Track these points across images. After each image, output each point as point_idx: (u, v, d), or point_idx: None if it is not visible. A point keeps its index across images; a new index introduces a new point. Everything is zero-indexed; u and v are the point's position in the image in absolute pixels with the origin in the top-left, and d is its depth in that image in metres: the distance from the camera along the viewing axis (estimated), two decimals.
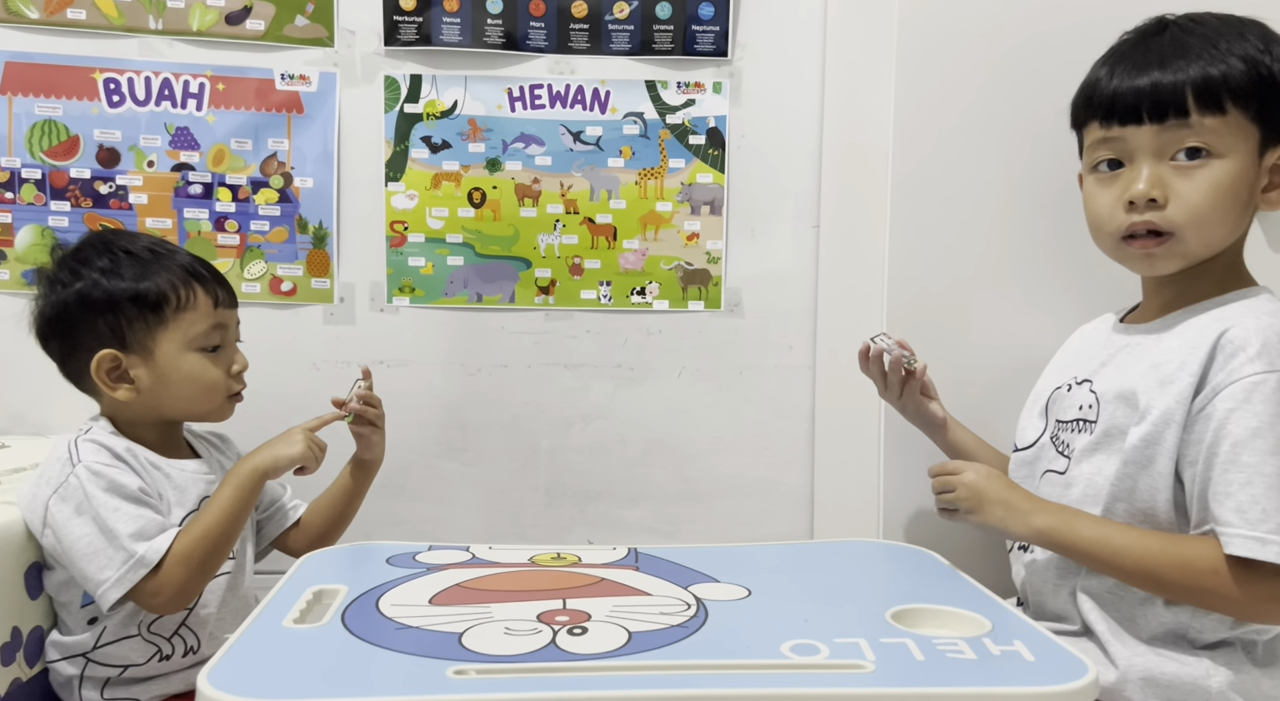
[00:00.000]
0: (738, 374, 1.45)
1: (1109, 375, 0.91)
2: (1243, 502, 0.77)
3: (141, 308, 0.99)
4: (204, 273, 1.04)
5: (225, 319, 1.05)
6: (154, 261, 1.01)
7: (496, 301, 1.45)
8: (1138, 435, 0.84)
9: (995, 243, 1.29)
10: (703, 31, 1.41)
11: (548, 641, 0.71)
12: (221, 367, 1.04)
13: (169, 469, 1.02)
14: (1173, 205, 0.85)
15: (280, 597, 0.82)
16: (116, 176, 1.40)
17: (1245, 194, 0.86)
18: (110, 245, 1.02)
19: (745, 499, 1.46)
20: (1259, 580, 0.78)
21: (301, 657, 0.70)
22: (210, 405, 1.05)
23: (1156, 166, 0.86)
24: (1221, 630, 0.83)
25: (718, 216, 1.44)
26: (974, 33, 1.29)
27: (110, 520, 0.93)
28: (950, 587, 0.87)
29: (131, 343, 1.00)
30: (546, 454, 1.46)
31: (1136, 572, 0.83)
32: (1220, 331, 0.82)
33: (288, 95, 1.40)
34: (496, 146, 1.42)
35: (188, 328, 1.01)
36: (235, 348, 1.08)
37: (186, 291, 1.01)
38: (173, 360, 1.01)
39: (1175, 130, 0.85)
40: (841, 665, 0.67)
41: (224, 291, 1.06)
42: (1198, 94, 0.85)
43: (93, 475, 0.94)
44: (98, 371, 0.99)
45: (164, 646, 1.00)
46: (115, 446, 0.98)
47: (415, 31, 1.40)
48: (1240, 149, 0.85)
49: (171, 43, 1.39)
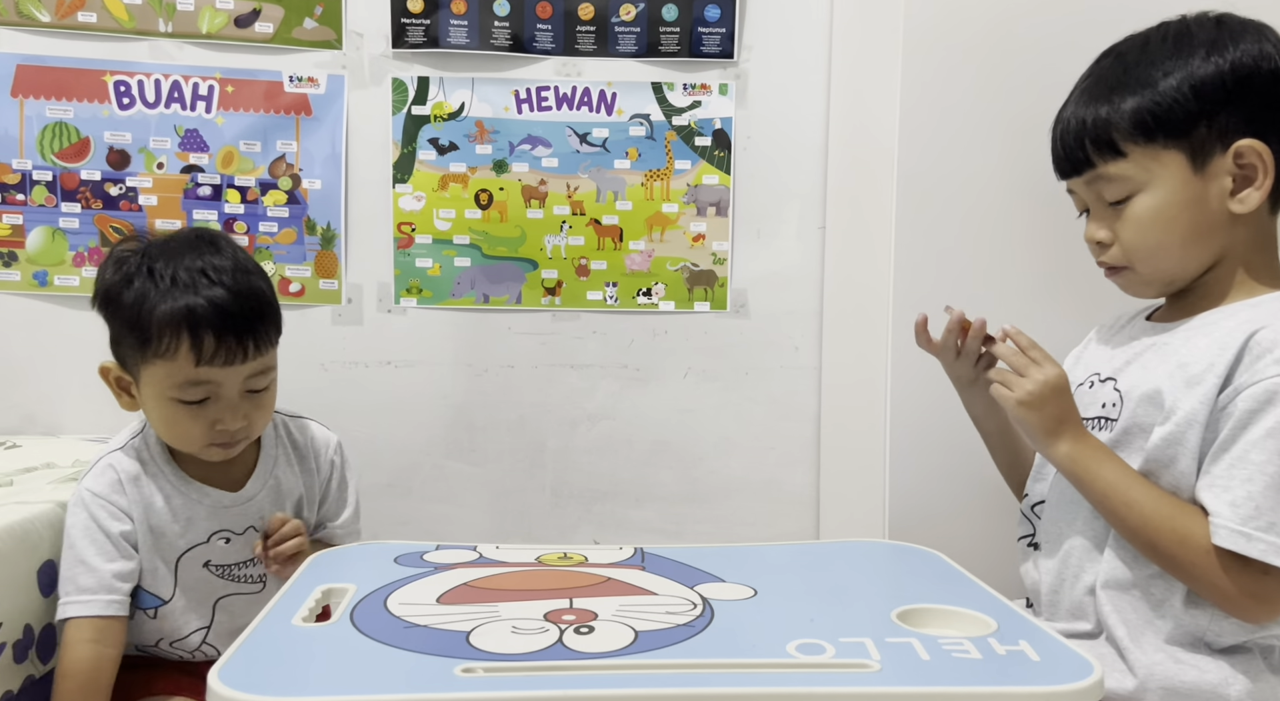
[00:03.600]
0: (743, 375, 1.46)
1: (1134, 373, 0.89)
2: (1238, 497, 0.77)
3: (133, 337, 0.93)
4: (204, 323, 0.91)
5: (212, 377, 0.92)
6: (169, 291, 0.91)
7: (503, 302, 1.45)
8: (1160, 434, 0.83)
9: (1001, 244, 1.30)
10: (709, 33, 1.41)
11: (555, 640, 0.71)
12: (200, 422, 0.94)
13: (179, 500, 1.00)
14: (1116, 246, 0.89)
15: (290, 596, 0.82)
16: (127, 178, 1.41)
17: (1191, 214, 0.85)
18: (148, 255, 0.95)
19: (751, 499, 1.46)
20: (1247, 575, 0.78)
21: (311, 655, 0.70)
22: (188, 448, 0.98)
23: (1102, 210, 0.90)
24: (1240, 634, 0.82)
25: (724, 218, 1.44)
26: (979, 35, 1.29)
27: (67, 559, 0.97)
28: (956, 588, 0.86)
29: (127, 365, 0.97)
30: (553, 454, 1.46)
31: (1138, 530, 0.82)
32: (1250, 332, 0.80)
33: (296, 97, 1.41)
34: (503, 148, 1.43)
35: (162, 377, 0.93)
36: (234, 403, 0.95)
37: (171, 339, 0.90)
38: (151, 399, 0.95)
39: (1094, 180, 0.89)
40: (847, 664, 0.67)
41: (224, 347, 0.91)
42: (1093, 142, 0.87)
43: (81, 505, 0.97)
44: (105, 376, 0.99)
45: (187, 656, 1.04)
46: (127, 472, 0.99)
47: (423, 34, 1.41)
48: (1163, 175, 0.85)
49: (181, 45, 1.40)
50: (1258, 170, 0.83)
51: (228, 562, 1.03)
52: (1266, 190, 0.84)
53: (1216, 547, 0.78)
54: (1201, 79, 0.83)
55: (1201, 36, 0.85)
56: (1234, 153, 0.83)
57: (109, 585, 0.96)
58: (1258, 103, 0.83)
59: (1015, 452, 1.06)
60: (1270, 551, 0.76)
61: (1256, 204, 0.84)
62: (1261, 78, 0.83)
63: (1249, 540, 0.77)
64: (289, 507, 1.06)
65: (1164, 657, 0.83)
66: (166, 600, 1.01)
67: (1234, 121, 0.83)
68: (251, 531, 1.03)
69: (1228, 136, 0.83)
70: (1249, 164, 0.83)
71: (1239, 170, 0.84)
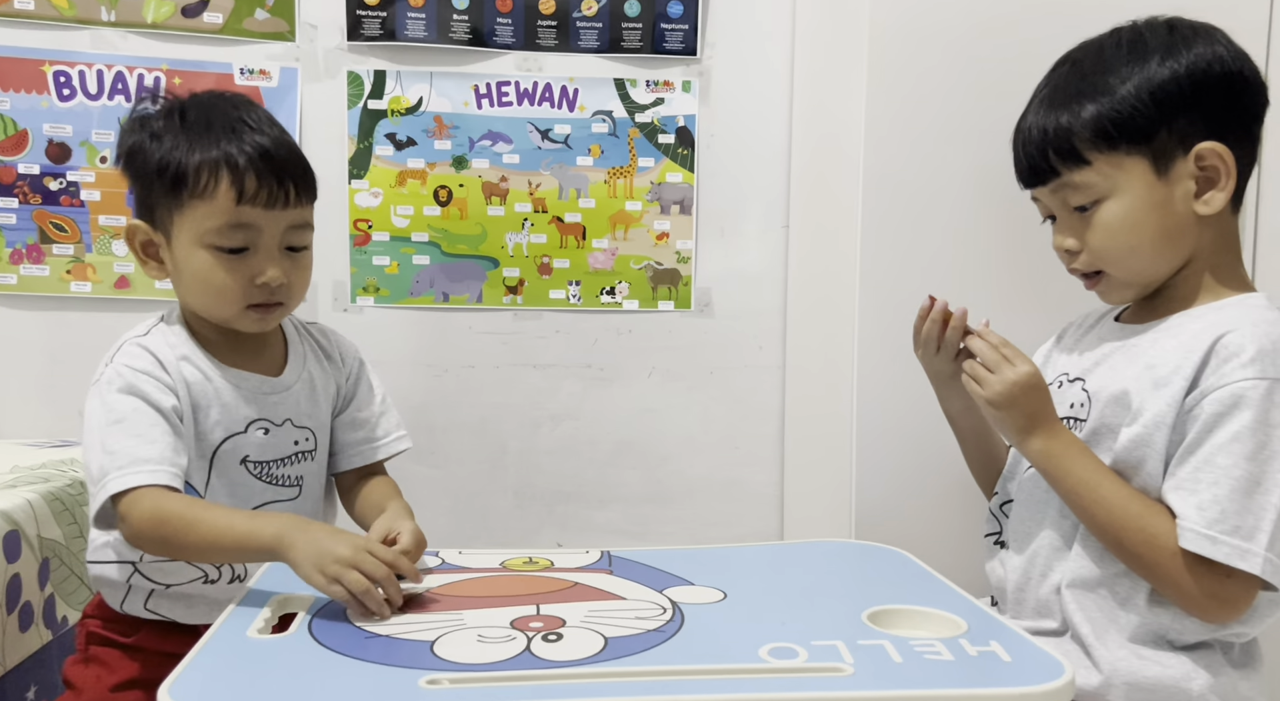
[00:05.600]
0: (708, 374, 1.45)
1: (1103, 374, 0.90)
2: (1204, 501, 0.78)
3: (164, 183, 0.88)
4: (245, 161, 0.87)
5: (253, 219, 0.88)
6: (205, 135, 0.87)
7: (464, 301, 1.43)
8: (1128, 436, 0.84)
9: (967, 242, 1.30)
10: (671, 30, 1.40)
11: (522, 648, 0.70)
12: (239, 274, 0.89)
13: (219, 381, 0.93)
14: (1085, 252, 0.89)
15: (243, 607, 0.79)
16: (67, 172, 1.36)
17: (1158, 218, 0.86)
18: (180, 106, 0.91)
19: (715, 499, 1.46)
20: (1211, 577, 0.79)
21: (268, 669, 0.68)
22: (224, 312, 0.91)
23: (1068, 218, 0.90)
24: (1202, 632, 0.83)
25: (687, 216, 1.43)
26: (945, 33, 1.30)
27: (113, 436, 0.85)
28: (924, 587, 0.87)
29: (159, 219, 0.90)
30: (515, 455, 1.44)
31: (1106, 527, 0.83)
32: (1217, 335, 0.81)
33: (247, 90, 1.37)
34: (463, 144, 1.40)
35: (201, 220, 0.87)
36: (274, 255, 0.90)
37: (210, 177, 0.86)
38: (185, 251, 0.89)
39: (1058, 189, 0.89)
40: (820, 668, 0.66)
41: (266, 187, 0.87)
42: (1056, 151, 0.87)
43: (121, 383, 0.87)
44: (130, 241, 0.92)
45: (210, 571, 0.95)
46: (163, 353, 0.90)
47: (379, 26, 1.37)
48: (1127, 181, 0.86)
49: (125, 35, 1.35)
50: (1220, 172, 0.85)
51: (265, 458, 0.95)
52: (1229, 191, 0.85)
53: (1182, 550, 0.79)
54: (1159, 84, 0.84)
55: (1155, 42, 0.86)
56: (1195, 156, 0.85)
57: (170, 458, 0.86)
58: (1214, 105, 0.85)
59: (989, 453, 1.06)
60: (1234, 555, 0.77)
61: (1221, 205, 0.85)
62: (1216, 80, 0.85)
63: (1214, 543, 0.78)
64: (324, 405, 1.00)
65: (1128, 654, 0.84)
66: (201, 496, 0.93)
67: (1193, 125, 0.84)
68: (289, 425, 0.96)
69: (1188, 140, 0.85)
70: (1211, 166, 0.85)
71: (1201, 173, 0.85)
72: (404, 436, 1.06)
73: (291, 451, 0.97)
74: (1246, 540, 0.77)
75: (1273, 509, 0.78)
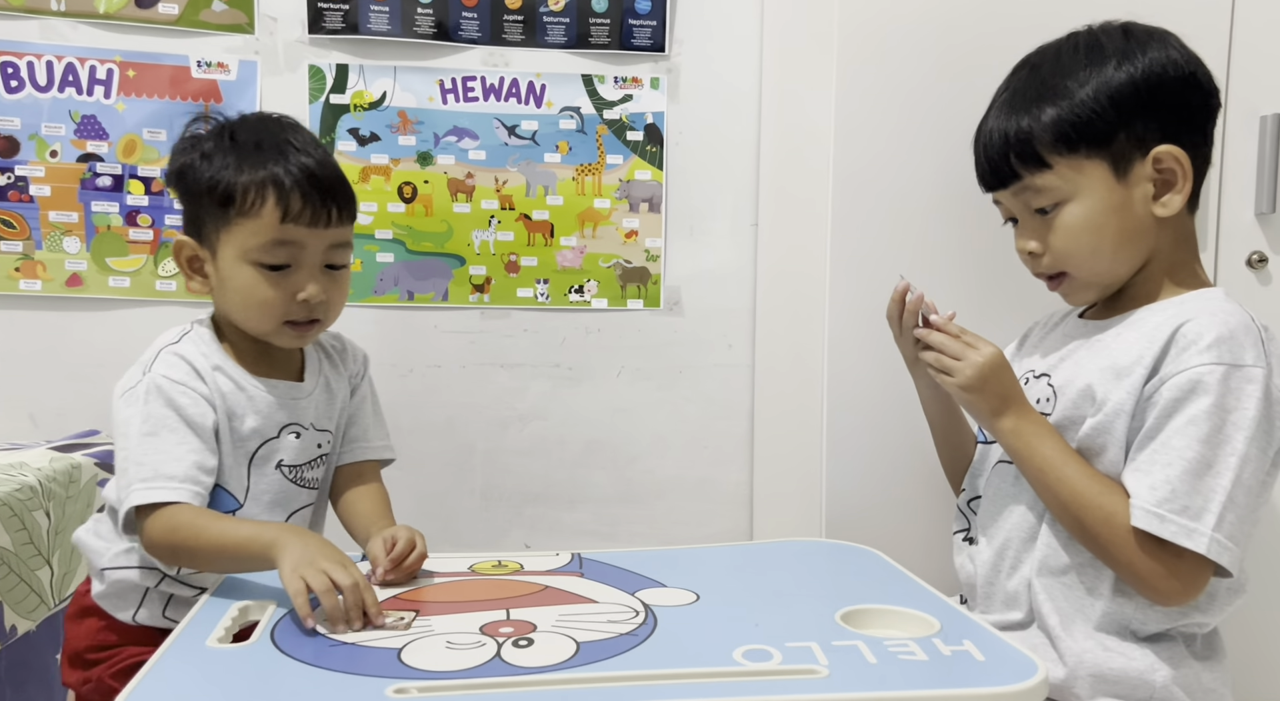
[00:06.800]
0: (677, 373, 1.44)
1: (1068, 369, 0.92)
2: (1156, 481, 0.80)
3: (213, 201, 0.91)
4: (291, 181, 0.90)
5: (297, 237, 0.91)
6: (254, 155, 0.91)
7: (429, 300, 1.40)
8: (1090, 424, 0.86)
9: (936, 240, 1.31)
10: (639, 26, 1.39)
11: (492, 655, 0.68)
12: (282, 290, 0.92)
13: (253, 390, 0.95)
14: (1048, 254, 0.91)
15: (202, 615, 0.77)
16: (16, 167, 1.31)
17: (1118, 220, 0.87)
18: (230, 128, 0.95)
19: (685, 499, 1.45)
20: (1162, 556, 0.80)
21: (229, 679, 0.66)
22: (264, 327, 0.94)
23: (1030, 220, 0.92)
24: (1163, 622, 0.85)
25: (656, 214, 1.42)
26: (915, 32, 1.30)
27: (141, 447, 0.87)
28: (896, 586, 0.87)
29: (205, 235, 0.93)
30: (483, 456, 1.42)
31: (1068, 504, 0.85)
32: (1177, 325, 0.83)
33: (205, 83, 1.33)
34: (428, 140, 1.38)
35: (246, 237, 0.91)
36: (315, 272, 0.93)
37: (257, 196, 0.90)
38: (229, 267, 0.92)
39: (1020, 191, 0.90)
40: (795, 670, 0.66)
41: (310, 206, 0.91)
42: (1017, 155, 0.88)
43: (156, 392, 0.89)
44: (177, 256, 0.95)
45: None
46: (198, 363, 0.92)
47: (341, 19, 1.34)
48: (1088, 184, 0.87)
49: (76, 25, 1.31)
50: (1177, 175, 0.87)
51: (298, 462, 0.97)
52: (1186, 194, 0.87)
53: (1134, 529, 0.80)
54: (1116, 88, 0.86)
55: (1111, 46, 0.88)
56: (1153, 159, 0.86)
57: (194, 477, 0.88)
58: (1169, 108, 0.86)
59: (958, 443, 1.08)
60: (1180, 533, 0.79)
61: (1178, 207, 0.87)
62: (1170, 83, 0.86)
63: (1161, 521, 0.79)
64: (338, 407, 1.02)
65: (1093, 646, 0.85)
66: (241, 504, 0.94)
67: (1150, 128, 0.86)
68: (313, 429, 0.98)
69: (1145, 143, 0.86)
70: (1168, 169, 0.87)
71: (1159, 175, 0.87)
72: (391, 447, 1.08)
73: (315, 454, 0.99)
74: (1194, 520, 0.79)
75: (1222, 491, 0.79)
